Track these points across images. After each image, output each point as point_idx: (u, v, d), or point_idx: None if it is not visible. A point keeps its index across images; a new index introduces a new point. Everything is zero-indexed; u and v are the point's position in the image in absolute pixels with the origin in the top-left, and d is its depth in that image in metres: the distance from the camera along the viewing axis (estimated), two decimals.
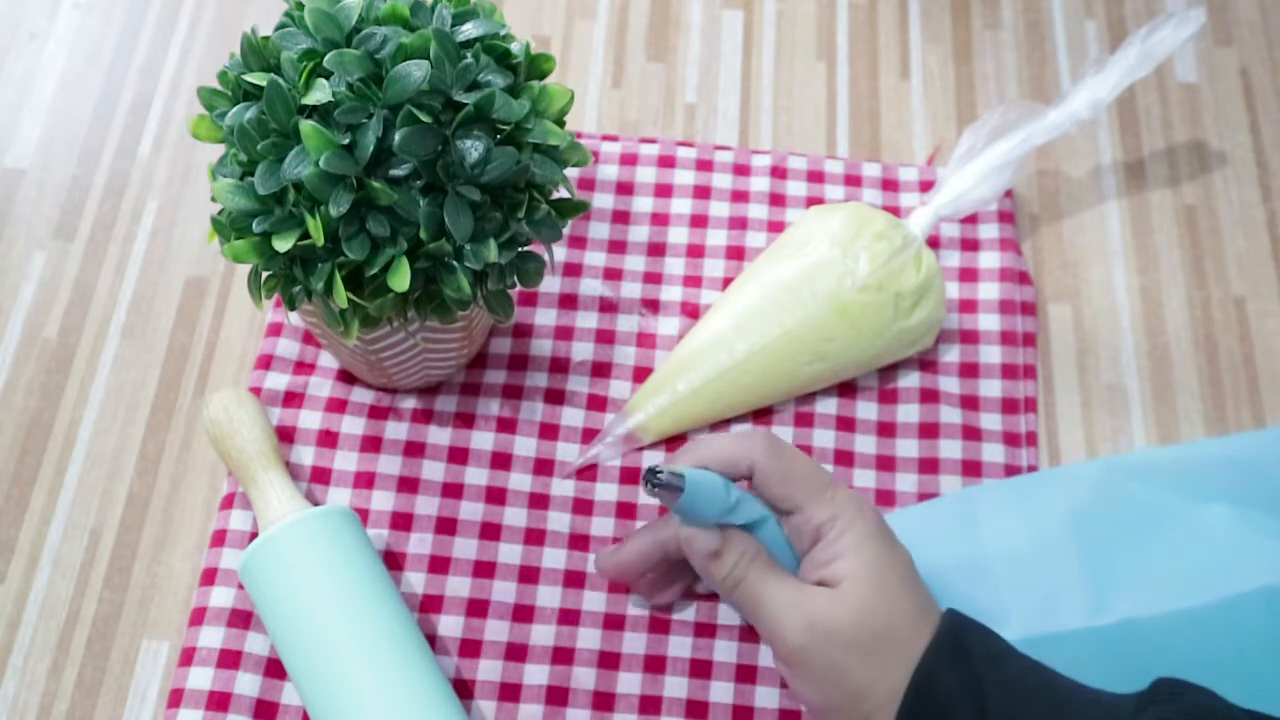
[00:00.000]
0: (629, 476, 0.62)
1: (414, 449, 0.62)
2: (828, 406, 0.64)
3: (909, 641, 0.50)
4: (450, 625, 0.59)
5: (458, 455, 0.62)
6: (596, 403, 0.64)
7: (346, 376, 0.64)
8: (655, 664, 0.58)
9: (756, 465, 0.53)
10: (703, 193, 0.70)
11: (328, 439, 0.62)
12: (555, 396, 0.64)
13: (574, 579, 0.60)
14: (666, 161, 0.71)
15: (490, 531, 0.61)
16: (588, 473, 0.63)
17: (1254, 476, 0.60)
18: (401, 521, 0.61)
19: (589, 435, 0.64)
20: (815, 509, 0.52)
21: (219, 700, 0.56)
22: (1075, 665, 0.53)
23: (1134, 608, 0.56)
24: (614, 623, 0.59)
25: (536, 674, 0.58)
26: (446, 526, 0.61)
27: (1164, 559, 0.57)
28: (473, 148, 0.50)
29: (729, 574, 0.52)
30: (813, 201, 0.70)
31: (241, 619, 0.58)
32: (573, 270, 0.68)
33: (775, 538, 0.54)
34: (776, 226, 0.69)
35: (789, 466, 0.53)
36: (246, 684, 0.56)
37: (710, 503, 0.52)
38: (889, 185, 0.71)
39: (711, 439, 0.54)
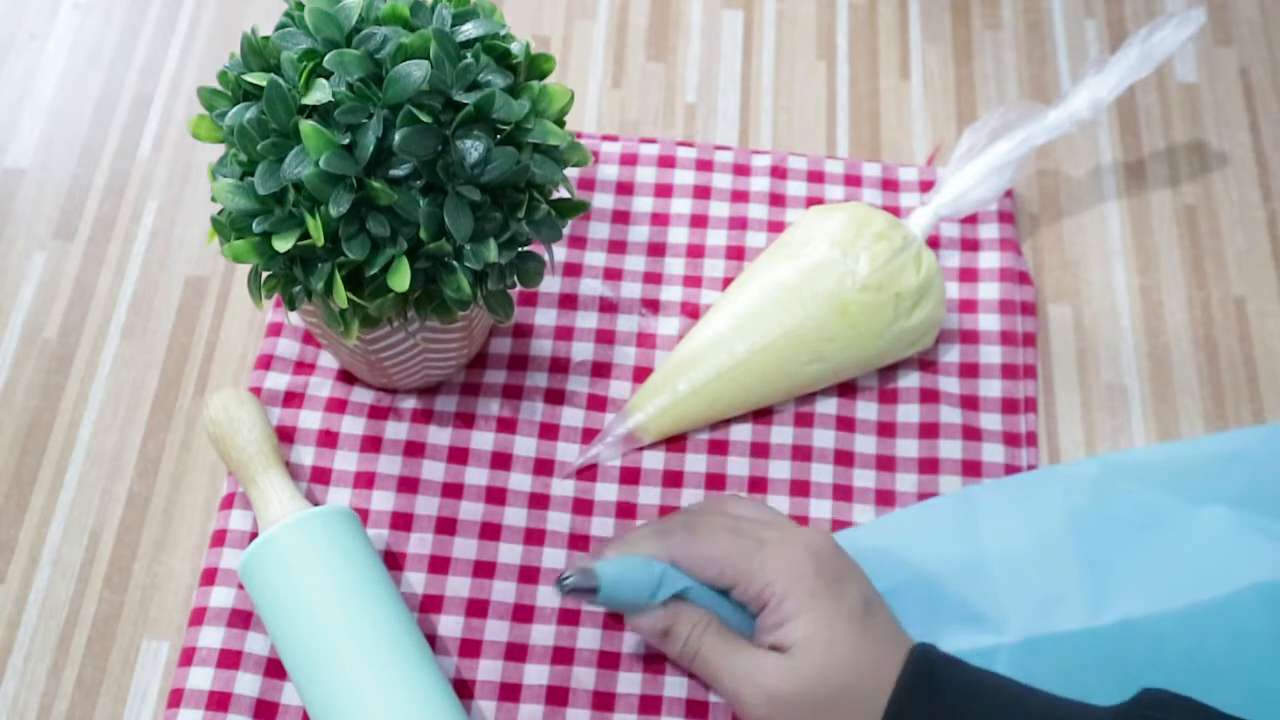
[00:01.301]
0: (629, 477, 0.62)
1: (414, 449, 0.62)
2: (828, 406, 0.64)
3: (873, 693, 0.50)
4: (450, 625, 0.59)
5: (458, 455, 0.62)
6: (596, 403, 0.64)
7: (346, 376, 0.64)
8: (655, 664, 0.58)
9: (676, 561, 0.53)
10: (703, 193, 0.70)
11: (328, 439, 0.63)
12: (555, 396, 0.64)
13: None
14: (666, 161, 0.71)
15: (490, 531, 0.61)
16: (588, 473, 0.63)
17: (1251, 474, 0.60)
18: (401, 521, 0.61)
19: (589, 435, 0.64)
20: (748, 583, 0.52)
21: (219, 700, 0.56)
22: (1074, 667, 0.53)
23: (1132, 608, 0.56)
24: (614, 623, 0.59)
25: (536, 674, 0.58)
26: (446, 526, 0.61)
27: (1161, 559, 0.57)
28: (473, 148, 0.50)
29: (683, 648, 0.53)
30: (813, 201, 0.70)
31: (241, 619, 0.58)
32: (573, 270, 0.68)
33: (711, 598, 0.54)
34: (776, 226, 0.69)
35: (709, 551, 0.53)
36: (246, 684, 0.56)
37: (635, 589, 0.52)
38: (889, 185, 0.71)
39: (628, 545, 0.54)
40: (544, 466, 0.63)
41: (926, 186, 0.71)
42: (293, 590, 0.54)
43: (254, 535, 0.60)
